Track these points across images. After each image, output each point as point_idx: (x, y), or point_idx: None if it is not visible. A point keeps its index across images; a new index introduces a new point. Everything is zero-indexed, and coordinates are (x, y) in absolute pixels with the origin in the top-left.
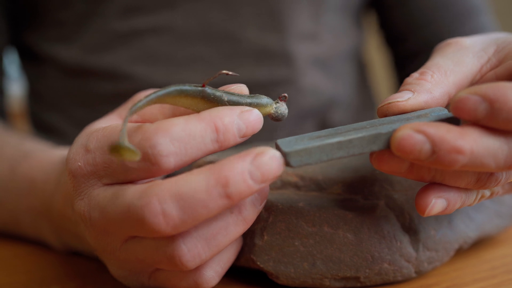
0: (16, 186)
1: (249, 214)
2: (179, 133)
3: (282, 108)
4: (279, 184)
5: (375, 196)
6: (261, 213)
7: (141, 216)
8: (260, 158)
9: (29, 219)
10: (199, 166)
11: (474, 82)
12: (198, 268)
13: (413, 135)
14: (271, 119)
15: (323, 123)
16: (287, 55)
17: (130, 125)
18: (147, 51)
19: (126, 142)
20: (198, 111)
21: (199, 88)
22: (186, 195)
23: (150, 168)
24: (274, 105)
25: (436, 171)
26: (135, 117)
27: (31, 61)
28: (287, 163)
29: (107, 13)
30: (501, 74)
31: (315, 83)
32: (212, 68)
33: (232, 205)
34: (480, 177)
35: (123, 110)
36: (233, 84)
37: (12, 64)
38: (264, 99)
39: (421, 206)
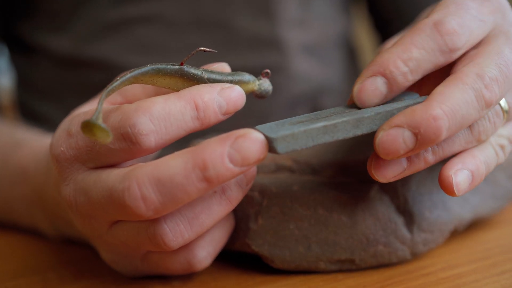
0: (9, 175)
1: (233, 194)
2: (158, 112)
3: (265, 84)
4: (274, 168)
5: (370, 178)
6: (255, 197)
7: (122, 200)
8: (241, 141)
9: (22, 208)
10: None
11: None
12: (191, 249)
13: (389, 132)
14: (255, 97)
15: (314, 110)
16: (278, 42)
17: (111, 106)
18: (139, 41)
19: (99, 121)
20: (178, 91)
21: (177, 67)
22: (165, 179)
23: (131, 148)
24: (257, 82)
25: (434, 150)
26: (119, 99)
27: (23, 52)
28: (272, 150)
29: (97, 2)
30: None
31: (305, 70)
32: (205, 57)
33: (213, 188)
34: (471, 128)
35: None
36: (215, 63)
37: (1, 56)
38: (246, 76)
39: (446, 188)
